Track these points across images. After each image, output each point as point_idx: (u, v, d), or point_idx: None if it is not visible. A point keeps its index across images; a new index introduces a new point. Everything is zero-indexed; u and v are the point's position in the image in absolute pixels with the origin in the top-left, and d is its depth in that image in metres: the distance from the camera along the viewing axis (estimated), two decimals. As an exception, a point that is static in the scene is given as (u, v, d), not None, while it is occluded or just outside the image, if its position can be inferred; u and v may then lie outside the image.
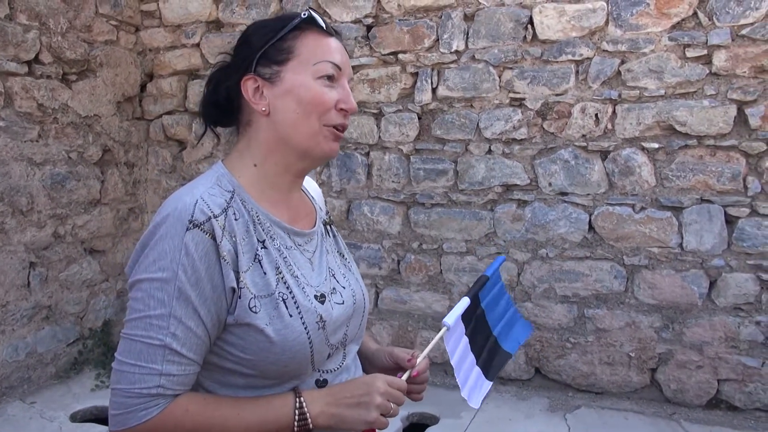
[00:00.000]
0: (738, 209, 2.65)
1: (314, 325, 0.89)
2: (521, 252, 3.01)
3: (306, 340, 0.87)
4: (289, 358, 0.86)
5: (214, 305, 0.83)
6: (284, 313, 0.86)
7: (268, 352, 0.84)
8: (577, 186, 2.90)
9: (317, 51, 0.92)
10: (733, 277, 2.67)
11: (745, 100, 2.62)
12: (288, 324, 0.86)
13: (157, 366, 0.80)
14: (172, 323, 0.80)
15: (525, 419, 2.70)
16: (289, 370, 0.88)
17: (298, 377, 0.90)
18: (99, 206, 3.43)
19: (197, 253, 0.81)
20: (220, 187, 0.89)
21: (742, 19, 2.60)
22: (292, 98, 0.91)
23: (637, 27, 2.76)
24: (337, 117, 0.93)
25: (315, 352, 0.89)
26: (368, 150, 3.27)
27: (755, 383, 2.66)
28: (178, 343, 0.80)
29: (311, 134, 0.92)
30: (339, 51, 0.96)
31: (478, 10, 3.01)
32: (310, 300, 0.90)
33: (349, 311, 0.98)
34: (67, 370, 3.22)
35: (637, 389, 2.87)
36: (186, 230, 0.81)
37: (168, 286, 0.80)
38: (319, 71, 0.92)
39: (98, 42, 3.40)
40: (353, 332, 1.01)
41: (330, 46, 0.94)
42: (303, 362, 0.88)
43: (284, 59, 0.92)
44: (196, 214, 0.82)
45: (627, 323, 2.84)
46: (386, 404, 0.89)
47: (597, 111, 2.85)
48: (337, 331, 0.95)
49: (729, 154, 2.66)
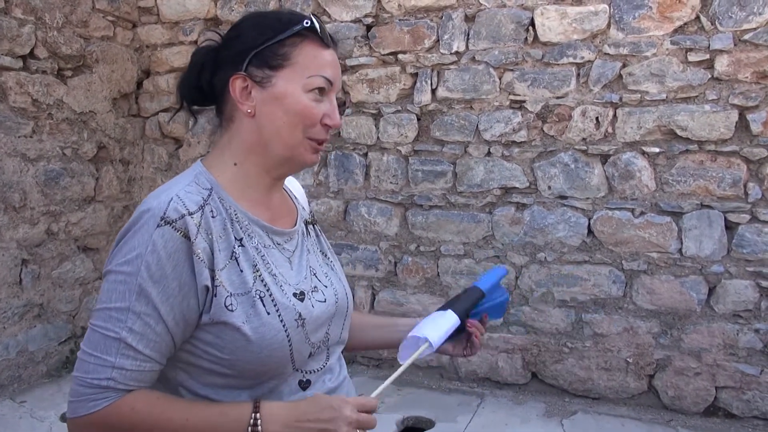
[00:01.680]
0: (738, 215, 2.64)
1: (293, 322, 0.87)
2: (519, 255, 2.99)
3: (284, 337, 0.86)
4: (266, 356, 0.84)
5: (180, 304, 0.81)
6: (261, 311, 0.85)
7: (245, 350, 0.83)
8: (577, 190, 2.88)
9: (313, 63, 0.90)
10: (733, 283, 2.65)
11: (747, 105, 2.60)
12: (265, 322, 0.84)
13: (111, 358, 0.79)
14: (130, 318, 0.79)
15: (521, 424, 2.68)
16: (267, 369, 0.86)
17: (278, 377, 0.88)
18: (93, 203, 3.39)
19: (165, 251, 0.80)
20: (197, 185, 0.89)
21: (744, 24, 2.59)
22: (279, 106, 0.90)
23: (639, 30, 2.74)
24: (321, 132, 0.92)
25: (294, 350, 0.88)
26: (366, 151, 3.24)
27: (753, 391, 2.64)
28: (134, 338, 0.79)
29: (293, 145, 0.91)
30: (333, 65, 0.93)
31: (479, 11, 2.99)
32: (289, 298, 0.89)
33: (331, 310, 0.97)
34: (58, 369, 3.18)
35: (635, 395, 2.84)
36: (156, 227, 0.81)
37: (130, 280, 0.80)
38: (311, 84, 0.90)
39: (94, 38, 3.36)
40: (336, 332, 0.99)
41: (326, 60, 0.92)
42: (282, 361, 0.87)
43: (279, 65, 0.90)
44: (168, 212, 0.82)
45: (625, 329, 2.82)
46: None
47: (598, 114, 2.83)
48: (318, 330, 0.93)
49: (730, 159, 2.65)
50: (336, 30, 3.21)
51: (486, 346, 3.06)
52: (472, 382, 3.11)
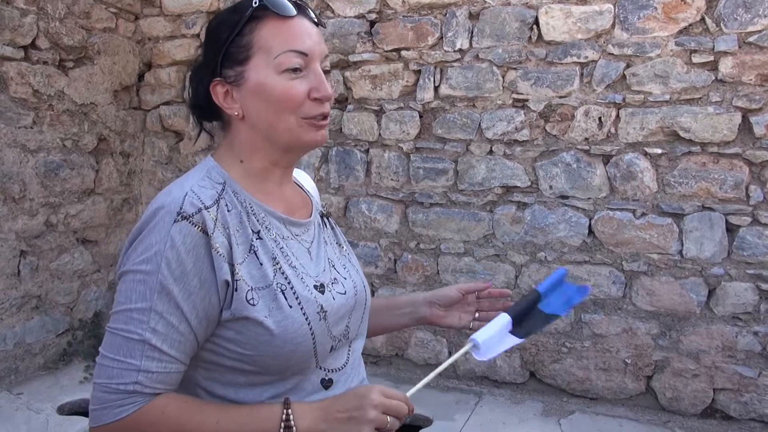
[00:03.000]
0: (739, 218, 2.63)
1: (315, 315, 0.85)
2: (519, 255, 2.98)
3: (308, 331, 0.84)
4: (290, 351, 0.82)
5: (202, 301, 0.79)
6: (284, 304, 0.83)
7: (268, 345, 0.81)
8: (578, 190, 2.87)
9: (276, 41, 0.85)
10: (733, 286, 2.65)
11: (751, 107, 2.60)
12: (288, 315, 0.82)
13: (136, 361, 0.76)
14: (153, 318, 0.77)
15: (519, 423, 2.68)
16: (291, 364, 0.84)
17: (301, 372, 0.86)
18: (93, 196, 3.38)
19: (184, 246, 0.78)
20: (210, 179, 0.87)
21: (749, 26, 2.58)
22: (260, 99, 0.86)
23: (644, 31, 2.73)
24: (313, 108, 0.87)
25: (318, 343, 0.86)
26: (368, 147, 3.23)
27: (751, 393, 2.64)
28: (159, 339, 0.77)
29: (289, 131, 0.87)
30: (303, 34, 0.87)
31: (483, 9, 2.97)
32: (310, 290, 0.87)
33: (351, 302, 0.95)
34: (55, 362, 3.17)
35: (633, 396, 2.84)
36: (174, 222, 0.79)
37: (150, 279, 0.77)
38: (281, 64, 0.85)
39: (96, 29, 3.34)
40: (356, 325, 0.98)
41: (291, 32, 0.86)
42: (306, 355, 0.85)
43: (245, 57, 0.86)
44: (185, 207, 0.80)
45: (624, 329, 2.82)
46: (381, 418, 0.81)
47: (600, 114, 2.82)
48: (339, 323, 0.92)
49: (732, 161, 2.64)
50: (340, 26, 3.20)
51: (484, 345, 3.05)
52: (470, 380, 3.11)
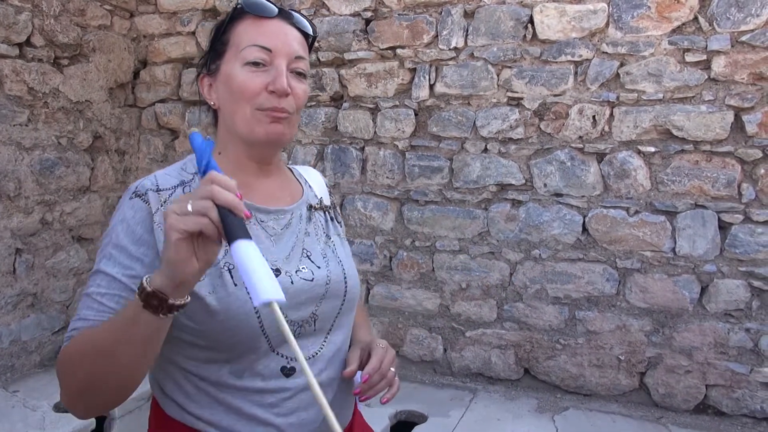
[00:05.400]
0: (732, 216, 2.66)
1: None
2: (514, 252, 3.00)
3: (251, 308, 0.87)
4: (234, 326, 0.86)
5: (150, 264, 0.86)
6: (228, 281, 0.86)
7: (212, 320, 0.85)
8: (572, 187, 2.89)
9: (245, 37, 0.93)
10: (725, 283, 2.67)
11: (743, 106, 2.62)
12: (231, 293, 0.86)
13: (80, 312, 0.86)
14: (98, 277, 0.86)
15: (513, 419, 2.70)
16: (238, 341, 0.87)
17: (252, 351, 0.89)
18: (88, 193, 3.38)
19: (134, 219, 0.88)
20: (182, 170, 0.95)
21: (742, 26, 2.60)
22: (225, 88, 0.94)
23: (638, 30, 2.75)
24: (268, 100, 0.91)
25: (266, 323, 0.88)
26: (363, 145, 3.24)
27: (743, 389, 2.66)
28: (99, 294, 0.85)
29: (245, 121, 0.93)
30: (272, 33, 0.93)
31: (478, 8, 2.98)
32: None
33: (319, 290, 0.96)
34: (51, 359, 3.17)
35: (626, 392, 2.87)
36: (129, 200, 0.90)
37: (105, 247, 0.88)
38: (245, 57, 0.92)
39: (92, 26, 3.33)
40: (329, 315, 0.98)
41: (260, 30, 0.93)
42: (252, 333, 0.87)
43: (222, 51, 0.95)
44: (139, 188, 0.90)
45: (617, 326, 2.84)
46: (176, 214, 0.70)
47: (594, 113, 2.84)
48: (300, 308, 0.93)
49: (725, 160, 2.66)
50: (335, 23, 3.21)
51: (479, 342, 3.08)
52: (465, 377, 3.13)
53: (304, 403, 0.93)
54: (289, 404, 0.92)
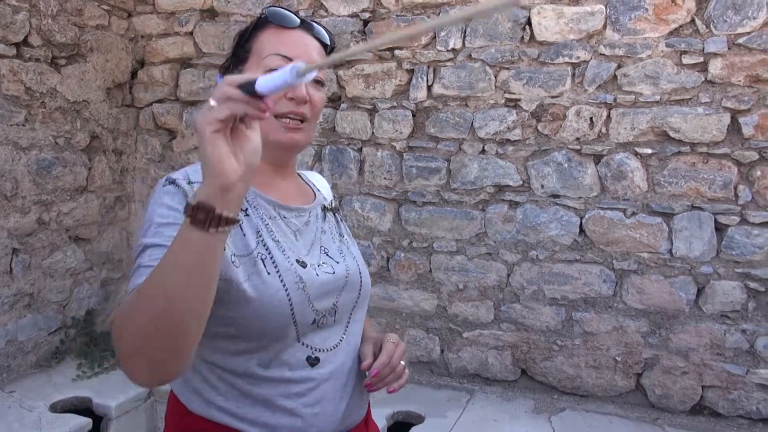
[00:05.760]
0: (728, 217, 2.66)
1: (294, 284, 0.91)
2: (511, 253, 3.01)
3: (285, 296, 0.90)
4: (268, 313, 0.88)
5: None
6: (262, 270, 0.89)
7: (246, 307, 0.87)
8: (570, 189, 2.90)
9: (268, 46, 0.96)
10: (721, 284, 2.68)
11: (739, 108, 2.63)
12: (266, 280, 0.89)
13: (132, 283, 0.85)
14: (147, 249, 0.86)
15: (510, 420, 2.70)
16: (270, 330, 0.89)
17: (281, 339, 0.91)
18: (85, 194, 3.38)
19: (173, 200, 0.89)
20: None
21: (739, 28, 2.61)
22: None
23: (635, 32, 2.76)
24: (286, 106, 0.96)
25: (296, 311, 0.91)
26: (361, 146, 3.24)
27: (739, 391, 2.67)
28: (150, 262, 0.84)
29: (264, 128, 0.91)
30: (293, 43, 0.97)
31: (476, 9, 2.98)
32: (291, 262, 0.94)
33: (340, 282, 1.00)
34: (48, 359, 3.17)
35: (622, 393, 2.87)
36: (163, 186, 0.91)
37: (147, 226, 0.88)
38: (266, 65, 0.95)
39: (89, 26, 3.33)
40: (347, 305, 1.02)
41: (282, 39, 0.97)
42: (284, 320, 0.90)
43: (245, 58, 0.98)
44: (171, 177, 0.92)
45: (614, 327, 2.85)
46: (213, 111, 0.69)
47: (592, 114, 2.84)
48: (324, 298, 0.97)
49: (721, 162, 2.67)
50: (333, 24, 3.21)
51: (476, 343, 3.08)
52: (462, 378, 3.13)
53: (328, 394, 0.97)
54: (314, 394, 0.95)
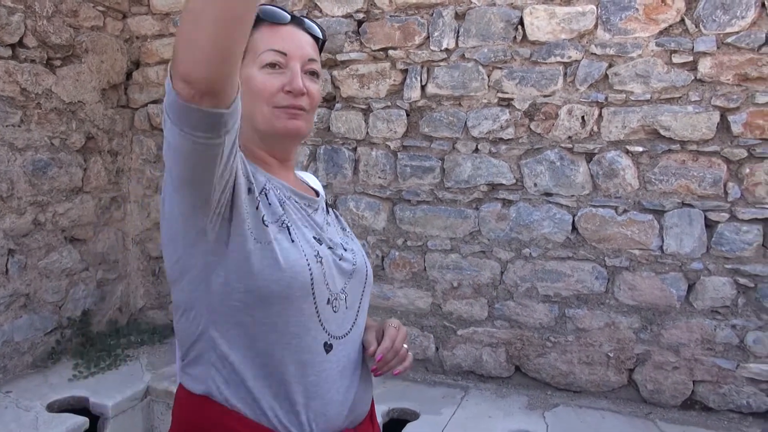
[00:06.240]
0: (718, 214, 2.70)
1: (313, 257, 0.94)
2: (505, 251, 3.04)
3: (305, 265, 0.92)
4: (291, 278, 0.90)
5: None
6: (287, 236, 0.93)
7: (271, 268, 0.89)
8: (562, 187, 2.93)
9: (262, 42, 0.98)
10: (711, 280, 2.72)
11: (728, 107, 2.66)
12: (289, 248, 0.92)
13: None
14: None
15: (504, 417, 2.73)
16: (291, 292, 0.91)
17: (300, 307, 0.92)
18: (81, 194, 3.39)
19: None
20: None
21: (728, 28, 2.64)
22: (245, 90, 0.97)
23: (626, 32, 2.79)
24: (285, 99, 0.98)
25: (315, 283, 0.93)
26: (356, 145, 3.27)
27: (729, 385, 2.71)
28: None
29: (265, 119, 0.99)
30: (286, 37, 1.00)
31: (469, 9, 3.02)
32: (309, 238, 0.97)
33: (349, 268, 1.03)
34: (44, 360, 3.18)
35: (615, 389, 2.91)
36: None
37: None
38: (262, 61, 0.98)
39: (84, 27, 3.34)
40: (355, 295, 1.05)
41: (275, 35, 0.99)
42: (304, 286, 0.92)
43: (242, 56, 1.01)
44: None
45: (606, 324, 2.88)
46: None
47: (584, 113, 2.88)
48: (337, 279, 1.00)
49: (711, 159, 2.71)
50: (327, 25, 3.23)
51: (471, 340, 3.11)
52: (457, 375, 3.16)
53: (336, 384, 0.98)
54: (325, 384, 0.96)
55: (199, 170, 0.82)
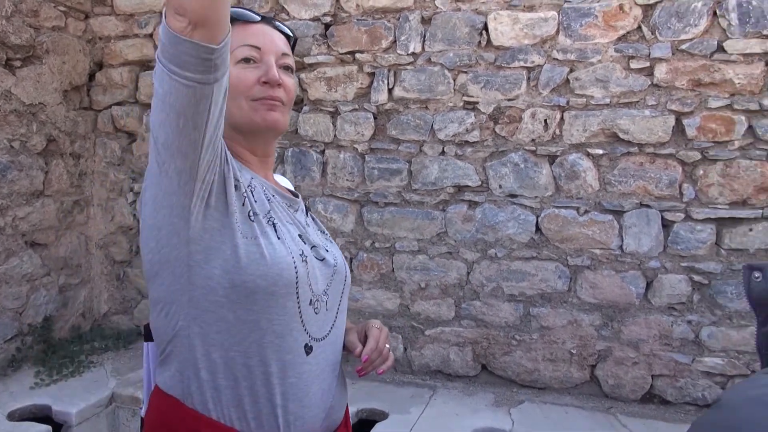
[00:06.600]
0: (674, 214, 2.81)
1: (298, 256, 0.95)
2: (471, 252, 3.09)
3: (291, 262, 0.93)
4: (276, 274, 0.91)
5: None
6: (272, 234, 0.94)
7: (258, 263, 0.90)
8: (526, 189, 3.00)
9: (236, 39, 0.99)
10: (668, 278, 2.82)
11: (683, 111, 2.77)
12: (275, 244, 0.93)
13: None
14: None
15: (471, 414, 2.78)
16: (277, 289, 0.91)
17: (284, 305, 0.92)
18: (42, 198, 3.31)
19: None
20: None
21: (682, 35, 2.75)
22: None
23: (586, 38, 2.88)
24: (262, 91, 1.00)
25: (300, 282, 0.94)
26: (323, 148, 3.28)
27: (686, 378, 2.82)
28: None
29: (243, 113, 1.00)
30: (259, 33, 1.02)
31: (435, 14, 3.07)
32: (294, 236, 0.98)
33: (329, 269, 1.04)
34: (4, 368, 3.09)
35: (578, 384, 2.99)
36: None
37: None
38: (236, 56, 0.99)
39: (45, 28, 3.28)
40: (335, 296, 1.05)
41: (248, 32, 1.01)
42: (289, 283, 0.92)
43: None
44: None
45: (569, 321, 2.96)
46: None
47: (546, 117, 2.95)
48: (320, 280, 1.00)
49: (667, 161, 2.81)
50: (295, 28, 3.24)
51: (438, 340, 3.15)
52: (425, 375, 3.20)
53: (315, 386, 0.98)
54: (304, 387, 0.96)
55: (188, 128, 0.82)
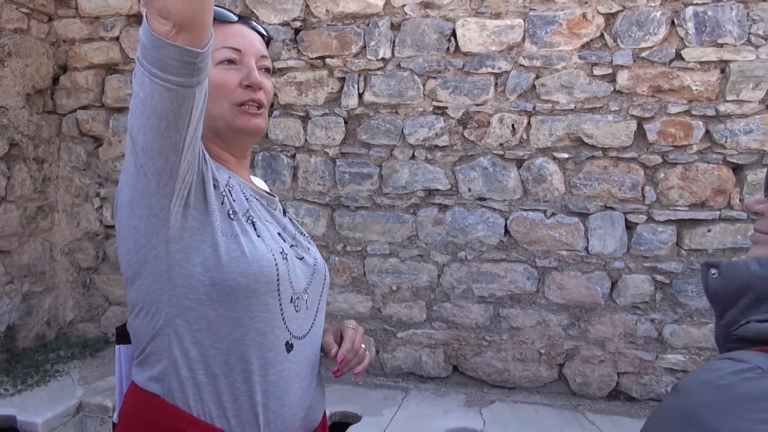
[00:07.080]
0: (636, 216, 2.90)
1: (278, 254, 0.96)
2: (441, 254, 3.13)
3: (272, 260, 0.93)
4: (257, 271, 0.91)
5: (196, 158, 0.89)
6: (252, 233, 0.94)
7: (239, 261, 0.90)
8: (495, 192, 3.06)
9: (215, 40, 0.97)
10: (632, 278, 2.91)
11: (644, 116, 2.87)
12: (255, 242, 0.93)
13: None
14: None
15: (443, 415, 2.81)
16: (258, 286, 0.91)
17: (266, 302, 0.93)
18: (4, 204, 3.23)
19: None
20: None
21: (642, 43, 2.85)
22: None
23: (551, 45, 2.95)
24: (244, 94, 1.00)
25: (281, 279, 0.94)
26: (294, 152, 3.28)
27: (650, 375, 2.90)
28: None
29: (222, 116, 1.00)
30: (239, 34, 1.02)
31: (404, 20, 3.10)
32: (273, 235, 0.99)
33: (309, 268, 1.05)
34: (-36, 379, 3.00)
35: (547, 383, 3.05)
36: None
37: None
38: (216, 58, 0.99)
39: (7, 30, 3.20)
40: (315, 295, 1.06)
41: (227, 33, 1.01)
42: (270, 281, 0.92)
43: None
44: None
45: (538, 322, 3.02)
46: None
47: (514, 121, 3.01)
48: (300, 279, 1.00)
49: (629, 165, 2.90)
50: (264, 32, 3.23)
51: (410, 342, 3.18)
52: (397, 377, 3.22)
53: (295, 385, 0.98)
54: (284, 385, 0.96)
55: (169, 130, 0.81)
